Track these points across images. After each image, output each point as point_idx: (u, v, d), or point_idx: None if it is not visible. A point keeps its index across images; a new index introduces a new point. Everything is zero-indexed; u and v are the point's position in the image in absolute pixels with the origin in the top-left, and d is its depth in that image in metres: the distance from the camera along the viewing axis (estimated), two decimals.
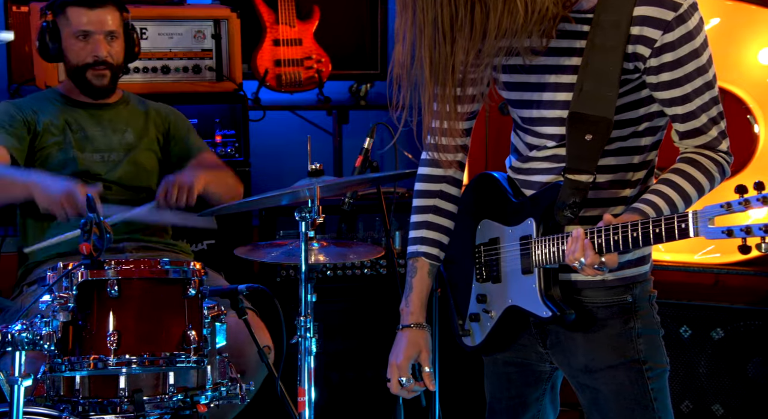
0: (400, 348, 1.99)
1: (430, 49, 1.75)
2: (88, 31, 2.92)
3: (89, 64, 2.93)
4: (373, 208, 3.44)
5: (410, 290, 2.01)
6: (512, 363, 2.05)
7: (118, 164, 2.96)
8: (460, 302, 2.08)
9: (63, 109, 2.98)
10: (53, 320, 2.14)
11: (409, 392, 2.00)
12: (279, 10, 3.78)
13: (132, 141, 3.01)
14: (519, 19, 1.72)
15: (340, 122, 4.02)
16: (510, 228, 1.96)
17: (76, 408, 2.17)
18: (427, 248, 2.01)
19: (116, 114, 3.03)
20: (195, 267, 2.29)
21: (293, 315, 2.35)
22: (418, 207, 2.03)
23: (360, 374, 3.49)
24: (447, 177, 2.01)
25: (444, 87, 1.80)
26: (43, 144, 2.92)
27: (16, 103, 2.98)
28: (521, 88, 1.89)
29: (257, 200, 2.70)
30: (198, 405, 2.25)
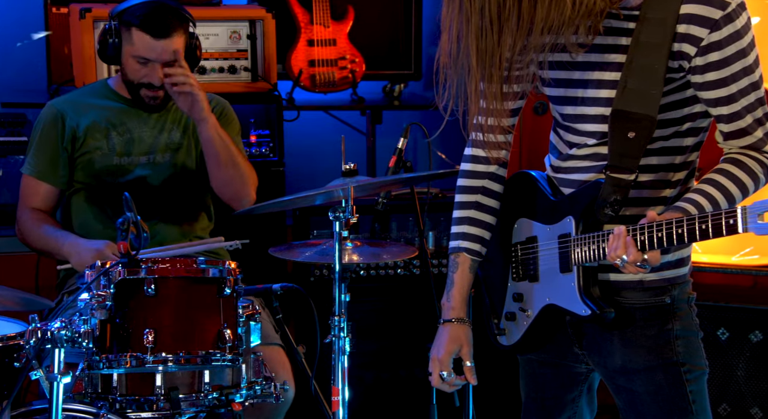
0: (441, 342, 2.00)
1: (477, 38, 1.74)
2: (147, 58, 2.83)
3: (144, 85, 2.87)
4: (406, 208, 3.44)
5: (451, 285, 2.02)
6: (548, 363, 2.04)
7: (163, 166, 2.94)
8: (495, 301, 2.07)
9: (110, 108, 2.94)
10: (91, 318, 2.17)
11: (450, 386, 2.00)
12: (313, 10, 3.79)
13: (177, 140, 2.97)
14: (566, 12, 1.71)
15: (374, 122, 4.03)
16: (548, 227, 1.95)
17: (113, 406, 2.19)
18: (469, 244, 2.01)
19: (164, 113, 2.97)
20: (230, 266, 2.31)
21: (327, 315, 2.36)
22: (461, 203, 2.03)
23: (393, 373, 3.49)
24: (490, 173, 2.01)
25: (490, 81, 1.79)
26: (85, 149, 2.90)
27: (59, 108, 2.92)
28: (564, 84, 1.88)
29: (291, 200, 2.71)
30: (233, 403, 2.26)
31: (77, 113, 2.91)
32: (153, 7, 2.81)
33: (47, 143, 2.89)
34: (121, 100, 2.94)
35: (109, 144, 2.90)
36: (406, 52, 4.02)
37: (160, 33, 2.81)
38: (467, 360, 1.99)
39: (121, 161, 2.90)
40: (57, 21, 3.53)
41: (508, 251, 2.04)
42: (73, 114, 2.91)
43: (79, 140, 2.89)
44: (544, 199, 1.96)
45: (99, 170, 2.89)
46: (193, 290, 2.26)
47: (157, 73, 2.83)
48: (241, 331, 2.29)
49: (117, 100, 2.94)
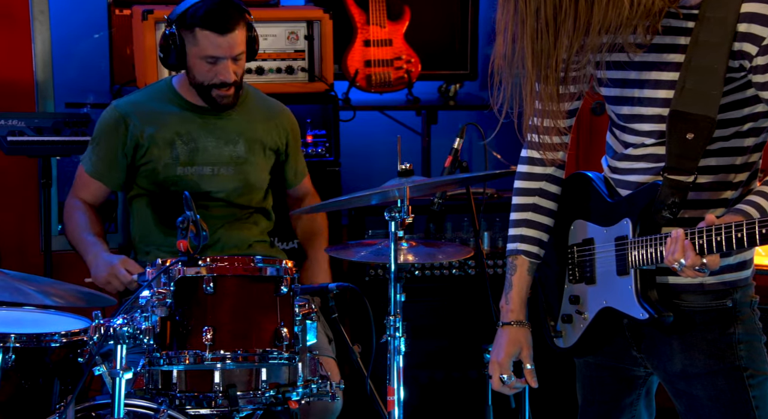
0: (500, 345, 1.99)
1: (532, 41, 1.73)
2: (217, 56, 2.79)
3: (215, 85, 2.82)
4: (461, 208, 3.43)
5: (510, 288, 2.01)
6: (605, 366, 2.02)
7: (227, 178, 2.91)
8: (551, 303, 2.06)
9: (176, 115, 2.89)
10: (152, 315, 2.20)
11: (510, 389, 1.99)
12: (370, 10, 3.80)
13: (242, 154, 2.91)
14: (624, 12, 1.70)
15: (429, 122, 4.03)
16: (605, 229, 1.93)
17: (173, 402, 2.22)
18: (527, 246, 2.00)
19: (230, 122, 2.93)
20: (287, 265, 2.33)
21: (382, 314, 2.37)
22: (518, 205, 2.02)
23: (448, 374, 3.49)
24: (547, 175, 2.00)
25: (546, 83, 1.78)
26: (148, 157, 2.87)
27: (123, 112, 2.89)
28: (620, 84, 1.86)
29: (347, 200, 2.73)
30: (290, 401, 2.28)
31: (142, 120, 2.87)
32: (212, 4, 2.78)
33: (107, 145, 2.88)
34: (187, 105, 2.90)
35: (173, 154, 2.86)
36: (462, 51, 4.01)
37: (224, 29, 2.77)
38: (527, 363, 1.98)
39: (185, 171, 2.87)
40: (119, 22, 3.59)
41: (564, 252, 2.02)
42: (137, 121, 2.87)
43: (142, 148, 2.86)
44: (601, 200, 1.95)
45: (162, 180, 2.87)
46: (250, 289, 2.28)
47: (228, 70, 2.80)
48: (298, 330, 2.31)
49: (182, 106, 2.90)
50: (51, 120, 3.25)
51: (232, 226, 2.92)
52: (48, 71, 3.61)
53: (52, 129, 3.23)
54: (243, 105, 2.96)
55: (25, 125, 3.21)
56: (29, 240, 3.56)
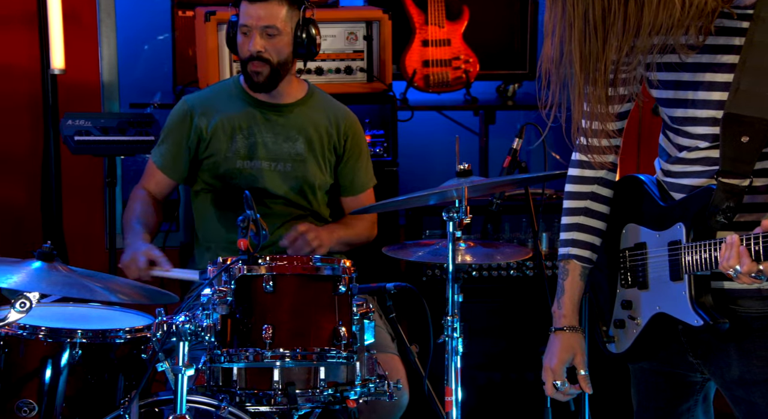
0: (553, 351, 1.98)
1: (580, 43, 1.71)
2: (247, 25, 2.84)
3: (248, 58, 2.85)
4: (519, 209, 3.41)
5: (562, 293, 1.99)
6: (660, 372, 1.99)
7: (284, 174, 2.93)
8: (603, 308, 2.03)
9: (239, 109, 2.93)
10: (213, 312, 2.23)
11: (564, 395, 1.98)
12: (429, 10, 3.80)
13: (301, 151, 2.93)
14: (675, 14, 1.67)
15: (487, 123, 4.01)
16: (658, 233, 1.90)
17: (233, 399, 2.24)
18: (579, 251, 1.98)
19: (290, 119, 2.96)
20: (345, 265, 2.34)
21: (439, 315, 2.37)
22: (569, 209, 2.00)
23: (506, 375, 3.48)
24: (598, 178, 1.97)
25: (594, 85, 1.76)
26: (210, 151, 2.91)
27: (190, 105, 2.93)
28: (673, 86, 1.83)
29: (405, 200, 2.73)
30: (347, 400, 2.29)
31: (206, 113, 2.93)
32: None
33: (173, 138, 2.94)
34: (250, 101, 2.95)
35: (232, 147, 2.91)
36: (521, 51, 3.99)
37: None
38: (581, 369, 1.96)
39: (243, 164, 2.91)
40: (182, 24, 3.64)
41: (616, 257, 2.00)
42: (201, 114, 2.93)
43: (204, 141, 2.92)
44: (653, 204, 1.92)
45: (222, 173, 2.91)
46: (309, 288, 2.30)
47: (256, 41, 2.82)
48: (356, 329, 2.32)
49: (246, 101, 2.95)
50: (116, 120, 3.31)
51: (291, 225, 2.94)
52: (114, 72, 3.68)
53: (117, 129, 3.29)
54: (307, 104, 2.98)
55: (91, 124, 3.28)
56: (95, 238, 3.64)
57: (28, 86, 3.55)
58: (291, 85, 2.95)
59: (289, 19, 2.87)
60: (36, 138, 3.54)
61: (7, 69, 3.60)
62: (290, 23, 2.88)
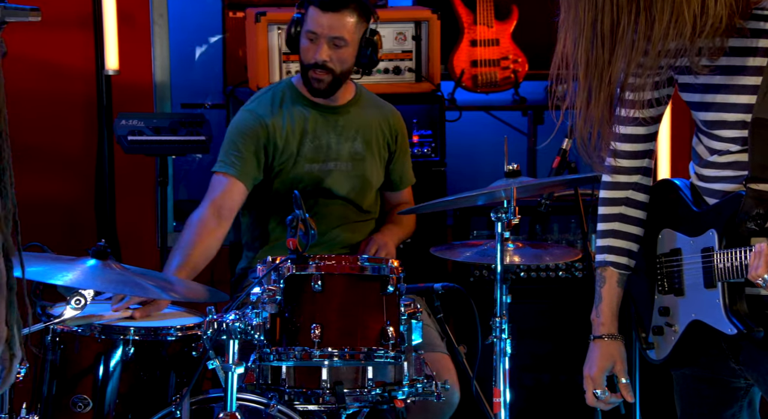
0: (593, 359, 1.96)
1: (587, 51, 1.70)
2: (315, 32, 2.82)
3: (311, 65, 2.85)
4: (568, 209, 3.39)
5: (600, 301, 1.97)
6: (703, 378, 1.95)
7: (346, 174, 2.93)
8: (642, 314, 2.00)
9: (302, 113, 2.92)
10: (263, 311, 2.24)
11: (605, 404, 1.96)
12: (477, 10, 3.79)
13: (360, 150, 2.94)
14: (686, 33, 1.64)
15: (536, 123, 3.99)
16: (691, 239, 1.87)
17: (282, 397, 2.25)
18: (615, 258, 1.95)
19: (348, 119, 2.96)
20: (393, 265, 2.34)
21: (487, 315, 2.36)
22: (604, 215, 1.97)
23: (554, 377, 3.45)
24: (633, 183, 1.94)
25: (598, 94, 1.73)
26: (282, 158, 2.89)
27: (260, 115, 2.89)
28: (703, 89, 1.80)
29: (454, 200, 2.73)
30: (395, 400, 2.29)
31: (276, 118, 2.90)
32: None
33: (245, 147, 2.86)
34: (309, 103, 2.94)
35: (301, 152, 2.90)
36: None
37: (329, 6, 2.81)
38: (622, 377, 1.93)
39: (311, 168, 2.91)
40: (233, 25, 3.68)
41: (653, 262, 1.97)
42: (273, 122, 2.89)
43: (279, 148, 2.89)
44: (687, 209, 1.89)
45: (291, 178, 2.90)
46: (357, 288, 2.31)
47: (322, 50, 2.82)
48: (403, 329, 2.32)
49: (304, 103, 2.94)
50: (168, 120, 3.35)
51: (347, 227, 2.95)
52: (166, 73, 3.72)
53: (169, 129, 3.33)
54: (358, 104, 3.00)
55: (144, 124, 3.32)
56: (146, 236, 3.69)
57: (83, 87, 3.61)
58: (345, 88, 2.96)
59: (357, 31, 2.87)
60: (90, 138, 3.59)
61: (63, 70, 3.66)
62: (357, 34, 2.87)
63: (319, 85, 2.87)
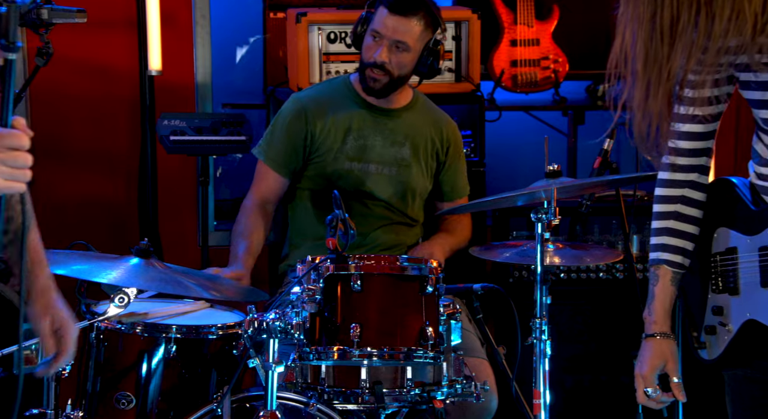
0: (644, 358, 1.94)
1: (646, 45, 1.69)
2: (379, 33, 2.83)
3: (369, 64, 2.86)
4: (609, 210, 3.36)
5: (652, 299, 1.96)
6: (755, 379, 1.93)
7: (389, 178, 2.94)
8: (695, 313, 1.99)
9: (351, 110, 2.94)
10: (302, 310, 2.25)
11: (657, 403, 1.95)
12: (518, 10, 3.78)
13: (407, 157, 2.94)
14: (747, 31, 1.62)
15: (576, 123, 3.96)
16: (749, 238, 1.85)
17: (322, 396, 2.26)
18: (669, 256, 1.94)
19: (399, 124, 2.95)
20: (432, 265, 2.34)
21: (526, 316, 2.35)
22: (659, 213, 1.96)
23: (595, 378, 3.43)
24: (689, 182, 1.93)
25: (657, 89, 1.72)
26: (321, 150, 2.91)
27: (305, 104, 2.92)
28: (761, 87, 1.78)
29: (493, 201, 2.72)
30: (434, 400, 2.29)
31: (319, 112, 2.93)
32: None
33: (287, 136, 2.93)
34: (361, 102, 2.95)
35: (343, 148, 2.91)
36: None
37: (397, 10, 2.82)
38: (674, 376, 1.92)
39: (351, 165, 2.92)
40: (273, 25, 3.70)
41: (708, 261, 1.95)
42: (316, 113, 2.93)
43: (317, 141, 2.92)
44: (745, 208, 1.87)
45: (330, 173, 2.92)
46: (396, 287, 2.31)
47: (383, 51, 2.82)
48: (442, 329, 2.32)
49: (357, 101, 2.96)
50: (209, 120, 3.38)
51: (389, 228, 2.95)
52: (208, 73, 3.75)
53: (211, 129, 3.36)
54: (413, 110, 3.00)
55: (186, 124, 3.35)
56: (188, 235, 3.73)
57: (127, 88, 3.65)
58: (401, 92, 2.96)
59: (422, 39, 2.87)
60: (134, 138, 3.63)
61: (108, 71, 3.71)
62: (421, 42, 2.86)
63: (374, 84, 2.89)
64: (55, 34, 2.56)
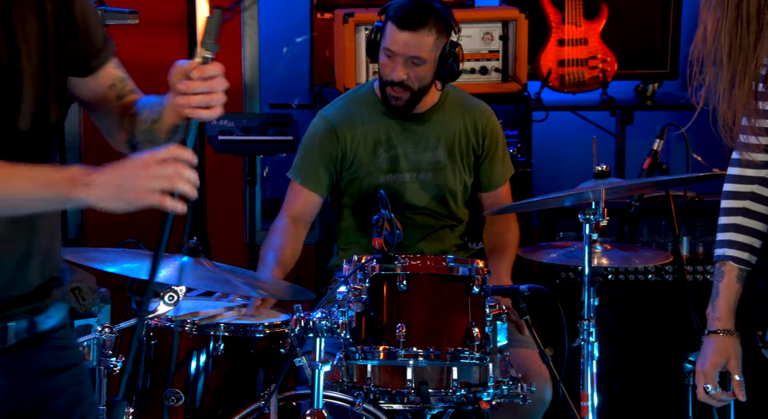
0: (706, 354, 1.92)
1: (731, 35, 1.66)
2: (392, 50, 2.74)
3: (387, 82, 2.78)
4: (658, 212, 3.32)
5: (717, 295, 1.93)
6: None
7: (426, 184, 2.88)
8: (759, 311, 1.95)
9: (378, 121, 2.87)
10: (349, 310, 2.26)
11: (716, 401, 1.92)
12: (566, 9, 3.74)
13: (441, 159, 2.87)
14: None
15: (624, 123, 3.92)
16: None
17: (367, 396, 2.26)
18: (735, 252, 1.91)
19: (428, 127, 2.87)
20: (478, 265, 2.34)
21: (573, 318, 2.33)
22: (727, 209, 1.93)
23: (643, 381, 3.40)
24: (759, 178, 1.90)
25: (742, 80, 1.69)
26: (354, 167, 2.86)
27: (332, 122, 2.86)
28: None
29: (540, 201, 2.71)
30: (480, 401, 2.29)
31: (348, 128, 2.85)
32: (410, 1, 2.73)
33: (318, 155, 2.86)
34: (386, 111, 2.86)
35: (375, 162, 2.85)
36: (662, 50, 3.88)
37: (405, 25, 2.71)
38: (735, 374, 1.89)
39: (386, 178, 2.86)
40: (321, 26, 3.71)
41: None
42: (344, 129, 2.86)
43: (348, 157, 2.85)
44: None
45: (366, 188, 2.85)
46: (442, 288, 2.31)
47: (398, 68, 2.73)
48: (489, 330, 2.32)
49: (382, 110, 2.87)
50: (257, 120, 3.40)
51: (433, 236, 2.90)
52: (255, 73, 3.78)
53: (258, 129, 3.37)
54: (442, 109, 2.91)
55: (234, 124, 3.37)
56: (235, 234, 3.76)
57: None
58: (427, 96, 2.87)
59: (436, 48, 2.76)
60: None
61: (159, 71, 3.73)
62: (436, 52, 2.75)
63: (396, 102, 2.81)
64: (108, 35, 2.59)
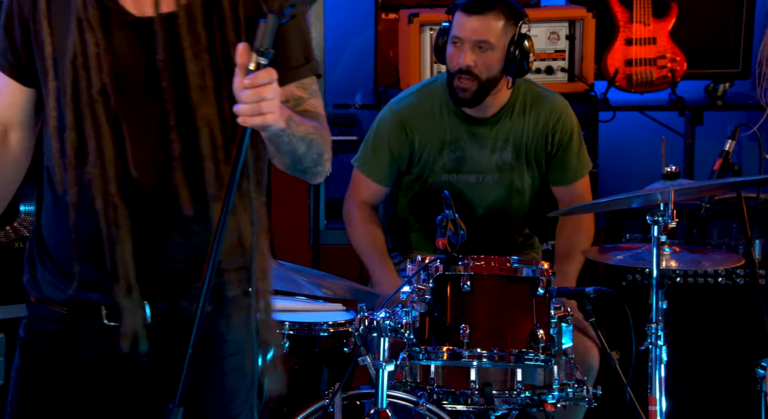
0: None
1: None
2: (459, 37, 2.70)
3: (456, 72, 2.72)
4: (729, 214, 3.25)
5: None
6: None
7: (491, 185, 2.85)
8: None
9: (446, 121, 2.82)
10: (412, 310, 2.26)
11: None
12: (634, 8, 3.69)
13: (509, 160, 2.83)
14: None
15: (693, 123, 3.85)
16: None
17: (431, 396, 2.26)
18: None
19: (496, 130, 2.82)
20: (543, 267, 2.31)
21: (639, 321, 2.29)
22: None
23: (712, 387, 3.33)
24: None
25: None
26: (419, 163, 2.85)
27: (403, 118, 2.83)
28: None
29: (608, 202, 2.66)
30: (545, 403, 2.27)
31: (417, 125, 2.83)
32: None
33: (385, 148, 2.85)
34: (456, 110, 2.83)
35: (441, 161, 2.84)
36: (734, 49, 3.79)
37: (473, 9, 2.69)
38: None
39: (450, 177, 2.84)
40: (385, 26, 3.73)
41: None
42: (414, 125, 2.82)
43: (416, 153, 2.84)
44: None
45: (429, 185, 2.84)
46: (506, 289, 2.30)
47: (466, 54, 2.69)
48: (554, 332, 2.29)
49: (452, 110, 2.83)
50: None
51: (494, 235, 2.87)
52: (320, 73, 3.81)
53: None
54: (511, 109, 2.86)
55: None
56: (299, 234, 3.79)
57: None
58: (496, 95, 2.81)
59: (504, 35, 2.71)
60: None
61: None
62: (505, 39, 2.71)
63: (463, 94, 2.74)
64: None
